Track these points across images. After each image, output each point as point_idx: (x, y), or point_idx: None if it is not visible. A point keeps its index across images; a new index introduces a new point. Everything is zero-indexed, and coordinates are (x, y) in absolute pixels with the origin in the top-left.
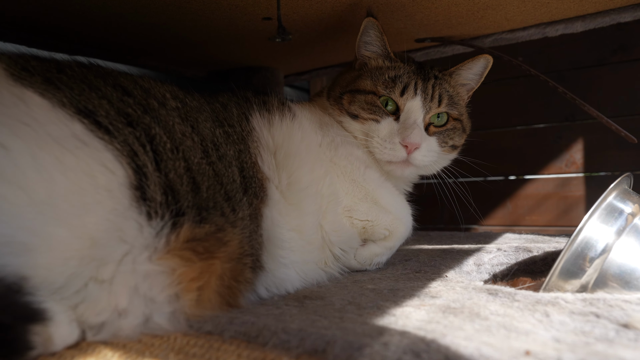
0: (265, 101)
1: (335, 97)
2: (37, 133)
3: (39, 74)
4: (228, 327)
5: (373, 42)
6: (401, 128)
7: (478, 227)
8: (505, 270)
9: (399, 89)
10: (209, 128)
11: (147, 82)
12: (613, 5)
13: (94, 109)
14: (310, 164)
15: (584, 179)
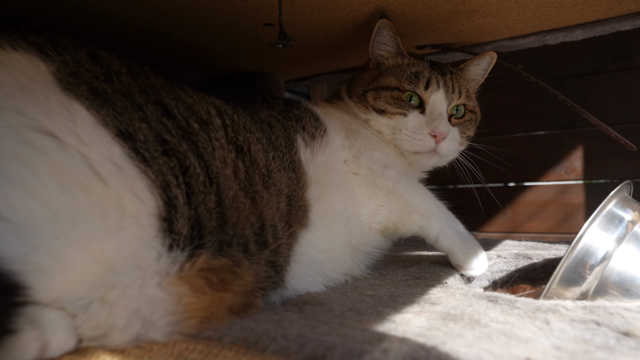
0: (299, 117)
1: (358, 95)
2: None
3: (87, 82)
4: (227, 333)
5: (387, 42)
6: (429, 120)
7: (478, 233)
8: (505, 277)
9: (423, 83)
10: (262, 151)
11: (190, 97)
12: (613, 14)
13: (133, 133)
14: (343, 189)
15: (583, 186)
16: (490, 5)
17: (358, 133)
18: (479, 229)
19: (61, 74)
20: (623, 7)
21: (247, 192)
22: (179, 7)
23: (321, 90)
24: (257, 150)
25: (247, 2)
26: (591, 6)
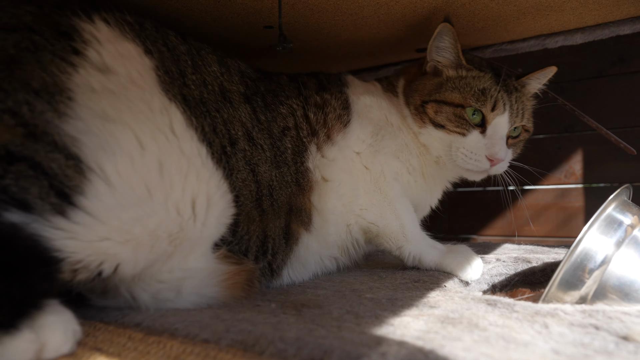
0: (324, 105)
1: (416, 105)
2: (171, 145)
3: (178, 85)
4: (225, 335)
5: (446, 49)
6: (489, 143)
7: (477, 237)
8: (504, 280)
9: (491, 104)
10: (267, 171)
11: (237, 125)
12: (612, 18)
13: (212, 141)
14: (345, 181)
15: (583, 190)
16: (489, 9)
17: (390, 137)
18: (479, 232)
19: (160, 71)
20: (622, 12)
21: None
22: (179, 10)
23: None
24: (264, 172)
25: (247, 4)
26: (591, 10)
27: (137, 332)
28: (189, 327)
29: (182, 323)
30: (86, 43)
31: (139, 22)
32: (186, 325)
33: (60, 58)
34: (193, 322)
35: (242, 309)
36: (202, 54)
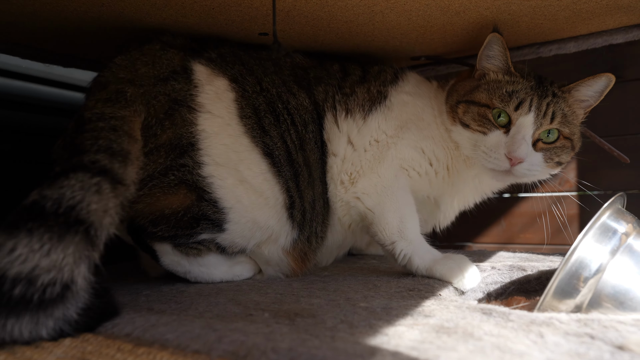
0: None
1: (452, 104)
2: (258, 174)
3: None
4: (216, 346)
5: (496, 56)
6: (509, 141)
7: (472, 244)
8: (499, 289)
9: (514, 104)
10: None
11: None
12: (605, 27)
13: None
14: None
15: (577, 198)
16: (484, 17)
17: (416, 129)
18: (474, 240)
19: (238, 103)
20: (615, 21)
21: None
22: (173, 16)
23: None
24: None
25: (242, 11)
26: (584, 19)
27: (126, 342)
28: (179, 337)
29: (173, 333)
30: (197, 87)
31: (218, 52)
32: (177, 335)
33: (187, 109)
34: (184, 333)
35: (234, 318)
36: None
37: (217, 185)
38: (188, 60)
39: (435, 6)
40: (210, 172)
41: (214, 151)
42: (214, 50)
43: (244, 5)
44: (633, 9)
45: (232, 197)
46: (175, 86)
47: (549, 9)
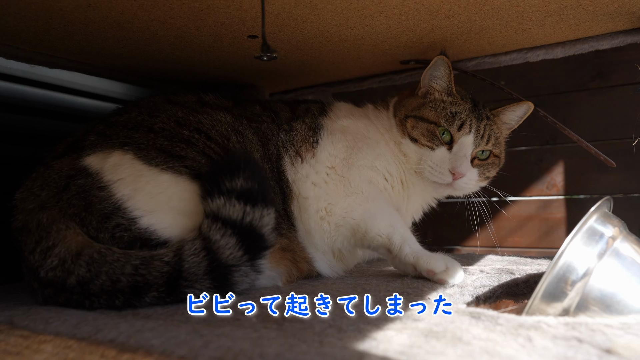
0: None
1: (400, 118)
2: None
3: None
4: (202, 352)
5: (441, 77)
6: (452, 158)
7: (461, 248)
8: (488, 292)
9: (457, 125)
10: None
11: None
12: (591, 33)
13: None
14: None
15: (564, 202)
16: (473, 22)
17: (367, 148)
18: (462, 243)
19: (139, 155)
20: (601, 27)
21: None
22: (161, 18)
23: None
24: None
25: (231, 13)
26: (571, 25)
27: (110, 348)
28: (165, 343)
29: (159, 339)
30: (98, 172)
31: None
32: (162, 341)
33: (99, 189)
34: (170, 338)
35: (221, 323)
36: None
37: (161, 229)
38: (76, 161)
39: (425, 10)
40: (147, 222)
41: (140, 205)
42: (92, 134)
43: (232, 8)
44: (618, 16)
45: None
46: (78, 183)
47: (537, 14)
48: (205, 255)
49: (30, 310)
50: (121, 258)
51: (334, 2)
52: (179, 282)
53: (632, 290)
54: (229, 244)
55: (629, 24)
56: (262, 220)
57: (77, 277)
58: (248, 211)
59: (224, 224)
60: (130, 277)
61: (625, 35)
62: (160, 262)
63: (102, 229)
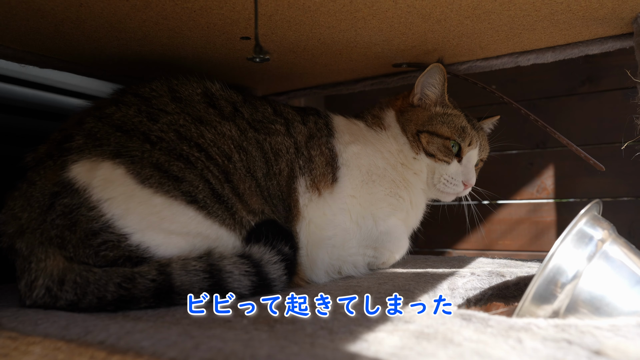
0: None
1: (412, 133)
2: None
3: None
4: (193, 353)
5: (435, 85)
6: (465, 171)
7: (452, 250)
8: (478, 295)
9: (468, 140)
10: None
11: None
12: (582, 38)
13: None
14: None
15: (554, 205)
16: (464, 26)
17: (379, 181)
18: (454, 246)
19: (132, 171)
20: (591, 32)
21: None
22: (154, 18)
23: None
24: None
25: (223, 14)
26: (561, 30)
27: (100, 350)
28: (155, 344)
29: (149, 340)
30: (86, 189)
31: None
32: (153, 343)
33: (87, 209)
34: (160, 340)
35: (212, 325)
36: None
37: (153, 246)
38: (60, 173)
39: (417, 14)
40: (138, 239)
41: (131, 224)
42: (80, 134)
43: (225, 9)
44: (608, 21)
45: (172, 249)
46: (64, 202)
47: (528, 19)
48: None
49: (19, 312)
50: (104, 276)
51: (327, 4)
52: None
53: (621, 293)
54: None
55: (618, 29)
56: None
57: (66, 301)
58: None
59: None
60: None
61: (614, 40)
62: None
63: (85, 245)
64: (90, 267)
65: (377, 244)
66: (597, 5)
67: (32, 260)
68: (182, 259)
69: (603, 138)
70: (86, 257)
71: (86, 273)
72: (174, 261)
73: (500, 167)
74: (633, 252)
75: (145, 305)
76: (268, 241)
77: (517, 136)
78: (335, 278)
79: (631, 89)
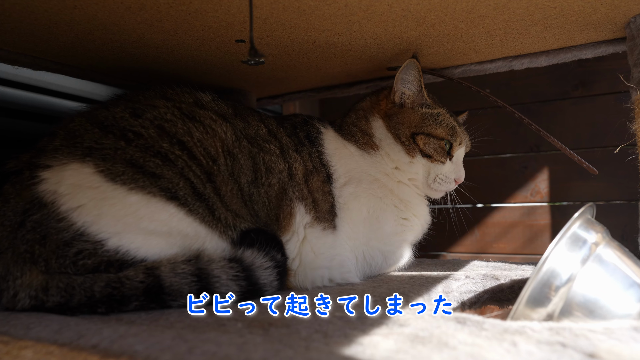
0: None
1: (407, 137)
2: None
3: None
4: (187, 357)
5: (412, 82)
6: (456, 168)
7: (447, 254)
8: (473, 298)
9: (459, 140)
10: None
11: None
12: (575, 42)
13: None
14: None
15: (548, 208)
16: (459, 30)
17: (382, 210)
18: (448, 249)
19: (103, 169)
20: (584, 37)
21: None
22: (148, 20)
23: (293, 108)
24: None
25: (219, 17)
26: (555, 34)
27: (93, 354)
28: (149, 348)
29: (143, 344)
30: (54, 202)
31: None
32: (146, 346)
33: (57, 221)
34: (154, 344)
35: (206, 328)
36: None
37: (132, 249)
38: (32, 184)
39: (412, 17)
40: (115, 243)
41: (105, 229)
42: (61, 133)
43: (220, 12)
44: (601, 26)
45: (154, 249)
46: (34, 219)
47: (522, 23)
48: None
49: (11, 316)
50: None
51: (322, 8)
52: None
53: (615, 296)
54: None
55: (611, 34)
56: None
57: (54, 303)
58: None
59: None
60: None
61: (607, 45)
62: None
63: (59, 256)
64: (70, 276)
65: (381, 271)
66: (590, 10)
67: (9, 279)
68: (171, 262)
69: (596, 142)
70: (64, 267)
71: (67, 279)
72: (164, 264)
73: (494, 170)
74: (626, 255)
75: (137, 305)
76: (261, 247)
77: (511, 140)
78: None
79: (624, 93)
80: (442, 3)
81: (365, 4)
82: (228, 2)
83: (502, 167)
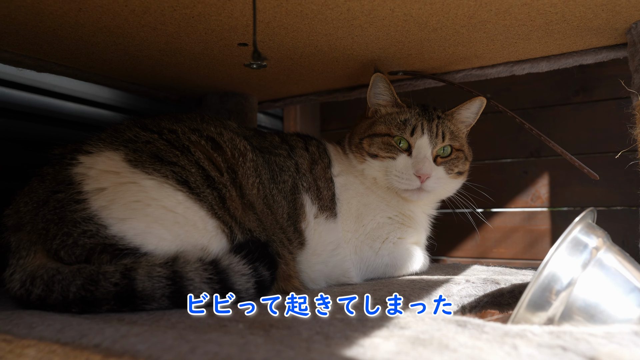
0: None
1: (356, 144)
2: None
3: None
4: (189, 357)
5: (382, 93)
6: (414, 162)
7: (447, 258)
8: (473, 302)
9: (409, 130)
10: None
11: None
12: (576, 48)
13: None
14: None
15: (549, 213)
16: (460, 35)
17: (372, 212)
18: (449, 254)
19: (129, 156)
20: (585, 42)
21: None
22: (152, 24)
23: (294, 112)
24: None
25: (222, 21)
26: (556, 40)
27: (95, 353)
28: (151, 348)
29: (145, 344)
30: (80, 182)
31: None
32: (148, 346)
33: (75, 202)
34: (156, 343)
35: (208, 329)
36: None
37: (131, 235)
38: (70, 167)
39: (413, 22)
40: (118, 229)
41: (115, 214)
42: (109, 129)
43: (224, 15)
44: (602, 32)
45: (151, 239)
46: (58, 197)
47: (523, 28)
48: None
49: (14, 315)
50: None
51: (324, 12)
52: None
53: (615, 300)
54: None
55: (612, 40)
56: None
57: (36, 296)
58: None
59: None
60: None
61: (608, 50)
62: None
63: (65, 234)
64: (57, 268)
65: (386, 272)
66: (591, 15)
67: (16, 257)
68: (149, 264)
69: (596, 147)
70: (67, 247)
71: (53, 271)
72: (142, 266)
73: (495, 175)
74: (627, 260)
75: (108, 308)
76: (249, 255)
77: (512, 145)
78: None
79: (625, 99)
80: (444, 8)
81: (368, 9)
82: (231, 5)
83: (503, 172)
